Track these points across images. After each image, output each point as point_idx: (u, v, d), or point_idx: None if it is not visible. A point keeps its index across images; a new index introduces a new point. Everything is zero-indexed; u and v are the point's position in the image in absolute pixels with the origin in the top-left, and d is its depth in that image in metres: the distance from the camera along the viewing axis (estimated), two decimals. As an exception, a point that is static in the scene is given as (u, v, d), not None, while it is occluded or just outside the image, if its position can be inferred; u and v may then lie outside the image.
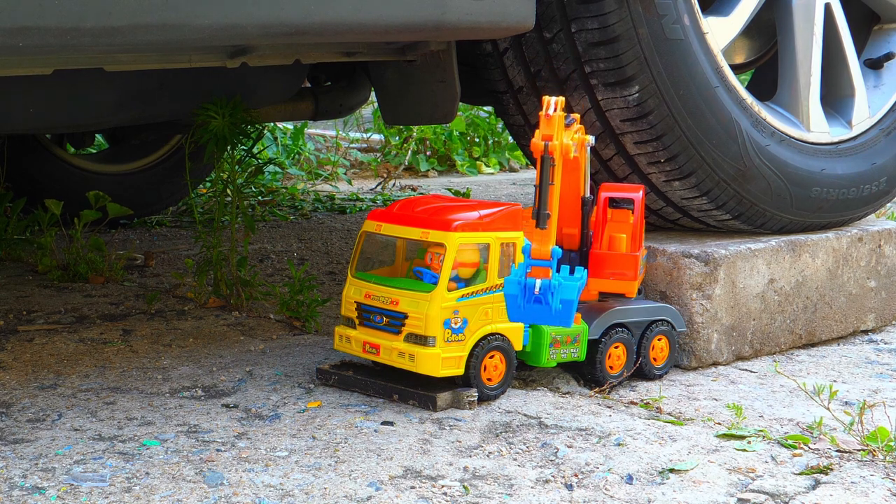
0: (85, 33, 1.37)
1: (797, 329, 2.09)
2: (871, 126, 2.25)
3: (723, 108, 1.96)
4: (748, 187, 2.01)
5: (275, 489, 1.36)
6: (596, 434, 1.59)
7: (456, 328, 1.65)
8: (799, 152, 2.09)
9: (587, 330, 1.77)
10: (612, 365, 1.81)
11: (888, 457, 1.50)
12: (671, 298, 1.95)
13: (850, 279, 2.17)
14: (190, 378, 1.83)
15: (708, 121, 1.95)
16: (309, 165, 4.54)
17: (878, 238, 2.22)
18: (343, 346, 1.75)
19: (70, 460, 1.45)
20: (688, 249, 1.95)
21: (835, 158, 2.16)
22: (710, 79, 1.95)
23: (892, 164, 2.27)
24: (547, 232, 1.58)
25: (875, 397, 1.80)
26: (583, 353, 1.77)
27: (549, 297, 1.55)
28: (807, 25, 2.14)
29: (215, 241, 2.27)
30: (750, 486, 1.41)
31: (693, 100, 1.93)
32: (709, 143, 1.95)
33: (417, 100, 2.05)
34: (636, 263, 1.80)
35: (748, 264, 1.99)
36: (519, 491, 1.38)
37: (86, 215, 2.73)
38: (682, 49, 1.92)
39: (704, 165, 1.96)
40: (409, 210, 1.74)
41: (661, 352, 1.87)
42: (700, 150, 1.95)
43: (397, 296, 1.68)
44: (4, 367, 1.87)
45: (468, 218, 1.68)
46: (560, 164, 1.59)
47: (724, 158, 1.97)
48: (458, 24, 1.63)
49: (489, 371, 1.69)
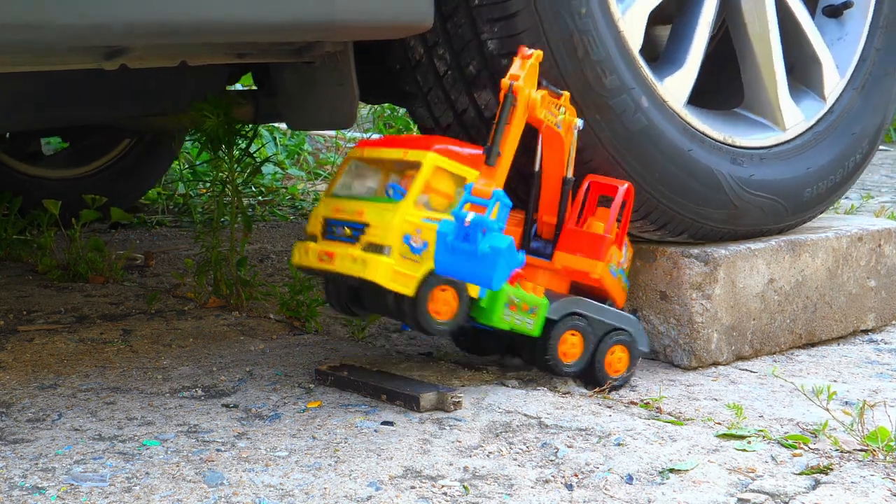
0: None
1: (797, 329, 2.09)
2: (842, 89, 2.19)
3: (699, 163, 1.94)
4: (740, 222, 2.02)
5: (275, 489, 1.36)
6: (596, 434, 1.59)
7: (415, 247, 1.61)
8: (778, 160, 2.08)
9: (546, 305, 1.74)
10: (565, 352, 1.77)
11: (888, 457, 1.50)
12: (671, 298, 1.95)
13: (850, 279, 2.17)
14: (190, 378, 1.83)
15: (685, 182, 1.93)
16: (308, 165, 4.54)
17: (878, 237, 2.22)
18: (301, 258, 1.72)
19: (70, 460, 1.45)
20: (687, 249, 1.95)
21: (814, 148, 2.14)
22: (682, 143, 1.93)
23: (873, 127, 2.22)
24: (494, 170, 1.58)
25: (875, 397, 1.80)
26: (537, 328, 1.73)
27: (478, 235, 1.48)
28: (760, 20, 2.08)
29: (214, 241, 2.28)
30: (750, 486, 1.41)
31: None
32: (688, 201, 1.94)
33: (317, 103, 1.97)
34: (605, 245, 1.77)
35: (748, 264, 1.99)
36: (519, 491, 1.38)
37: (85, 215, 2.73)
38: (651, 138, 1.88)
39: (686, 220, 1.95)
40: (396, 138, 1.74)
41: (619, 362, 1.82)
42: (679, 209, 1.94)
43: (363, 207, 1.65)
44: (4, 367, 1.87)
45: (451, 148, 1.67)
46: (522, 107, 1.61)
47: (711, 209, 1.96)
48: (347, 24, 1.56)
49: (438, 303, 1.64)
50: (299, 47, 1.80)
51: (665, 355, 1.97)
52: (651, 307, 1.98)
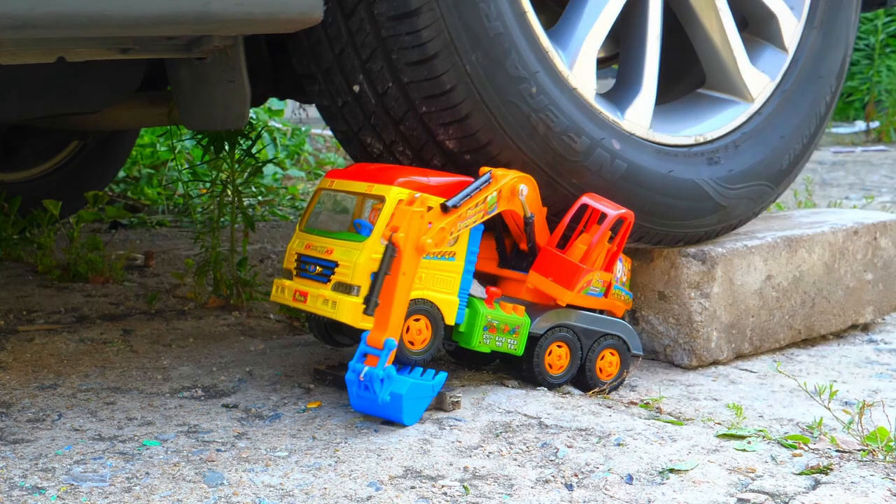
0: None
1: (796, 324, 2.09)
2: (801, 33, 2.12)
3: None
4: (732, 216, 2.01)
5: (275, 489, 1.36)
6: (596, 434, 1.59)
7: None
8: (752, 141, 2.03)
9: (528, 324, 1.74)
10: (552, 363, 1.77)
11: (888, 457, 1.50)
12: (670, 298, 1.95)
13: (847, 272, 2.17)
14: (190, 378, 1.83)
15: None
16: (309, 165, 4.54)
17: (874, 230, 2.22)
18: (278, 296, 1.72)
19: (70, 460, 1.45)
20: (685, 248, 1.95)
21: (785, 110, 2.09)
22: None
23: (837, 62, 2.16)
24: (382, 320, 1.56)
25: (875, 397, 1.80)
26: (520, 348, 1.74)
27: (376, 385, 1.53)
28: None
29: (214, 241, 2.28)
30: (750, 486, 1.41)
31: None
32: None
33: (209, 101, 1.87)
34: (578, 275, 1.74)
35: (745, 261, 1.99)
36: (519, 491, 1.38)
37: (84, 215, 2.73)
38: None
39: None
40: (365, 168, 1.72)
41: (611, 366, 1.82)
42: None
43: (332, 245, 1.66)
44: (4, 367, 1.87)
45: (416, 180, 1.66)
46: (410, 256, 1.56)
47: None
48: (225, 16, 1.47)
49: (412, 334, 1.64)
50: (188, 42, 1.72)
51: (665, 355, 1.98)
52: (650, 307, 1.98)
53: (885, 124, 6.69)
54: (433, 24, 1.65)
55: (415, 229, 1.56)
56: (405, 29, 1.66)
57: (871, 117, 6.87)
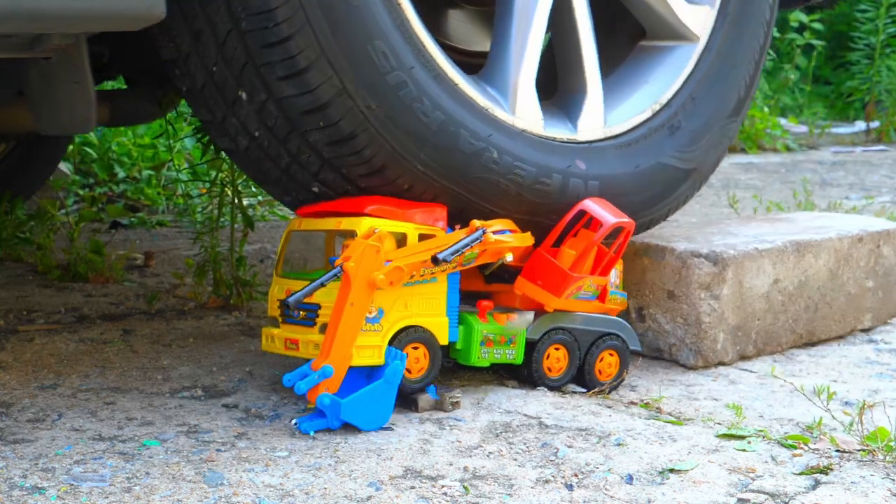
0: None
1: (798, 329, 2.09)
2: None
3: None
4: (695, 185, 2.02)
5: (275, 489, 1.36)
6: (596, 434, 1.59)
7: (370, 318, 1.59)
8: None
9: (524, 331, 1.74)
10: (550, 366, 1.78)
11: (888, 457, 1.50)
12: (679, 298, 1.95)
13: (850, 279, 2.17)
14: (190, 378, 1.83)
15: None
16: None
17: (878, 238, 2.22)
18: (269, 346, 1.69)
19: (70, 460, 1.45)
20: (697, 249, 1.95)
21: (732, 32, 2.01)
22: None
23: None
24: (325, 346, 1.55)
25: (875, 397, 1.80)
26: (520, 356, 1.74)
27: (328, 413, 1.55)
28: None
29: (214, 241, 2.28)
30: (750, 486, 1.41)
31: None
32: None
33: (56, 103, 1.76)
34: (567, 282, 1.73)
35: (755, 264, 1.99)
36: (519, 491, 1.38)
37: (85, 215, 2.73)
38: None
39: None
40: (331, 204, 1.70)
41: (610, 367, 1.82)
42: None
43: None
44: (4, 367, 1.87)
45: (388, 207, 1.65)
46: (360, 287, 1.54)
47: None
48: (61, 13, 1.39)
49: (410, 362, 1.63)
50: (30, 41, 1.61)
51: (670, 354, 1.97)
52: (658, 306, 1.98)
53: (885, 124, 6.69)
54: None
55: (366, 262, 1.55)
56: (277, 52, 1.59)
57: (871, 117, 6.88)
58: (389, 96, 1.61)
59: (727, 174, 4.89)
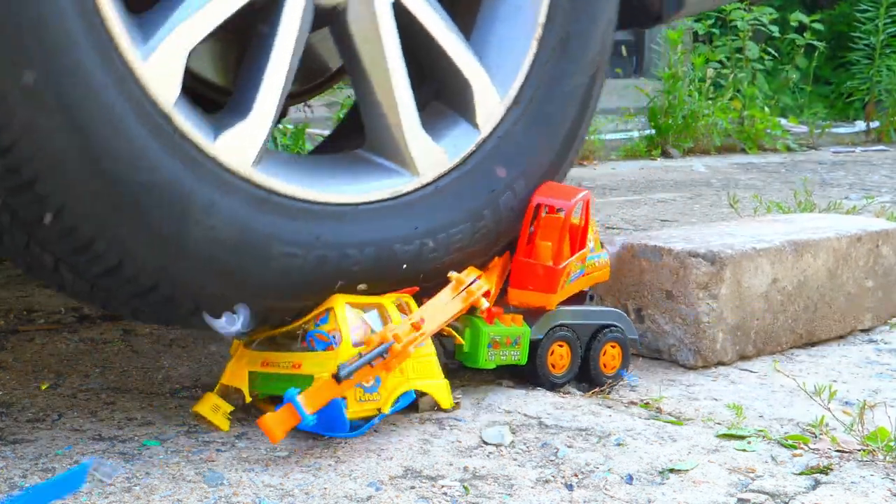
0: None
1: (798, 329, 2.09)
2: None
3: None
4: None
5: (275, 489, 1.36)
6: (596, 434, 1.59)
7: (368, 387, 1.53)
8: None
9: (528, 332, 1.74)
10: (554, 363, 1.78)
11: (888, 457, 1.50)
12: (677, 298, 1.95)
13: (850, 279, 2.17)
14: (190, 378, 1.83)
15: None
16: (309, 165, 4.54)
17: (877, 238, 2.22)
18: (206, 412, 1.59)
19: (70, 460, 1.45)
20: (694, 249, 1.95)
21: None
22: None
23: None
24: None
25: (875, 397, 1.80)
26: (524, 357, 1.74)
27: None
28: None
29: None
30: (750, 486, 1.41)
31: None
32: None
33: None
34: (557, 276, 1.73)
35: (753, 263, 1.99)
36: (519, 491, 1.38)
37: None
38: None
39: None
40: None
41: (614, 359, 1.83)
42: None
43: (299, 359, 1.55)
44: (4, 367, 1.87)
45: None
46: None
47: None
48: None
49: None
50: None
51: (670, 354, 1.97)
52: (657, 306, 1.98)
53: (885, 124, 6.68)
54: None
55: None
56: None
57: (871, 117, 6.87)
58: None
59: (727, 174, 4.89)
